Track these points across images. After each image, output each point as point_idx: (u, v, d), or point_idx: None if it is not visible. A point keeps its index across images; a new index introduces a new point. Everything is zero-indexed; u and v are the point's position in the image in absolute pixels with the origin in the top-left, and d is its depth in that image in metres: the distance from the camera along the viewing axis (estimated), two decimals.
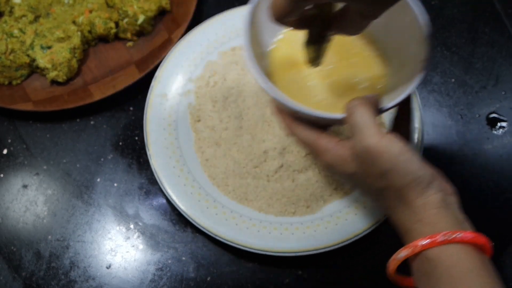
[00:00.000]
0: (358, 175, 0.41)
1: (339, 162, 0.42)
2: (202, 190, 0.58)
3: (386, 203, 0.42)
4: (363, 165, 0.40)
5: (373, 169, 0.39)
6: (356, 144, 0.39)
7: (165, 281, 0.56)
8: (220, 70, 0.64)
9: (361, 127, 0.39)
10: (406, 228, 0.40)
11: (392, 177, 0.39)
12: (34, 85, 0.65)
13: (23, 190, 0.61)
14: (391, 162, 0.38)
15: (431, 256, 0.38)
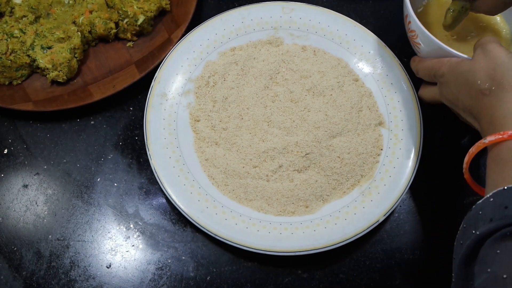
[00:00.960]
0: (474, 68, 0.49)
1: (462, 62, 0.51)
2: (202, 189, 0.58)
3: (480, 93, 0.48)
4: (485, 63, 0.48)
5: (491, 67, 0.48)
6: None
7: (165, 281, 0.56)
8: (220, 70, 0.64)
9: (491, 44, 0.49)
10: (496, 117, 0.46)
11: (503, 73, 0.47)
12: (34, 85, 0.65)
13: (24, 190, 0.61)
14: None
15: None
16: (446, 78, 0.53)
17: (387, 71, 0.64)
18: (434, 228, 0.59)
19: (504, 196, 0.40)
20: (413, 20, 0.57)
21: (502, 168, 0.43)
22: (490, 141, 0.45)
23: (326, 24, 0.67)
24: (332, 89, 0.63)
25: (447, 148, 0.64)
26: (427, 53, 0.60)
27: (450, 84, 0.52)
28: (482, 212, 0.41)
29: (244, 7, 0.67)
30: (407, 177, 0.58)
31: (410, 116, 0.62)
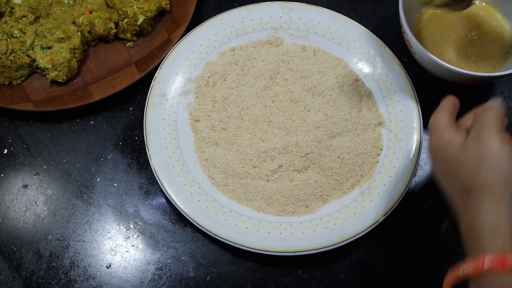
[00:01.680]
0: (457, 158, 0.43)
1: (455, 138, 0.45)
2: (202, 190, 0.58)
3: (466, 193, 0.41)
4: (475, 151, 0.42)
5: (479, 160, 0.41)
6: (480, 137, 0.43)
7: (164, 281, 0.56)
8: (219, 70, 0.64)
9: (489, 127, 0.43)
10: (474, 226, 0.39)
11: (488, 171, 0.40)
12: (34, 85, 0.65)
13: (23, 190, 0.61)
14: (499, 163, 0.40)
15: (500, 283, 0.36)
16: (433, 154, 0.47)
17: (387, 71, 0.64)
18: (434, 228, 0.59)
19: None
20: (407, 32, 0.58)
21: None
22: (468, 273, 0.37)
23: (326, 24, 0.67)
24: (332, 89, 0.63)
25: None
26: (422, 62, 0.61)
27: (436, 162, 0.47)
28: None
29: (244, 7, 0.67)
30: (407, 177, 0.58)
31: (410, 116, 0.62)
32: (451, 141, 0.44)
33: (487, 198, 0.39)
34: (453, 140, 0.44)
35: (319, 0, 0.72)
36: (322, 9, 0.67)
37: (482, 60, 0.63)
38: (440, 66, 0.58)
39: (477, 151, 0.41)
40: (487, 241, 0.38)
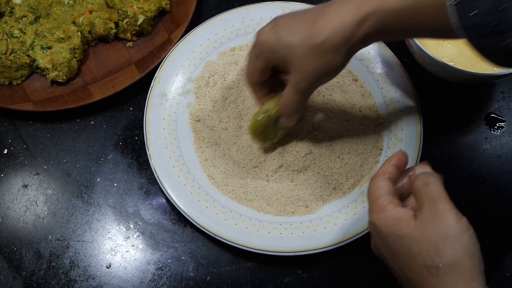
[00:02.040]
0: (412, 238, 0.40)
1: (396, 221, 0.41)
2: (202, 189, 0.58)
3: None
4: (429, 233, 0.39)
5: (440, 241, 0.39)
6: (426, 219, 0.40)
7: (164, 281, 0.56)
8: (219, 70, 0.64)
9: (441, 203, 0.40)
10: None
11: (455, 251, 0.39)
12: (34, 85, 0.65)
13: (23, 190, 0.61)
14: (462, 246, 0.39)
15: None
16: (377, 230, 0.43)
17: (387, 71, 0.64)
18: None
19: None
20: None
21: None
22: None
23: None
24: (332, 89, 0.63)
25: (447, 148, 0.64)
26: (422, 62, 0.61)
27: (382, 239, 0.42)
28: None
29: (244, 7, 0.67)
30: None
31: (410, 116, 0.62)
32: (402, 218, 0.41)
33: (459, 276, 0.38)
34: (403, 216, 0.41)
35: (319, 0, 0.72)
36: None
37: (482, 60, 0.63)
38: (440, 66, 0.58)
39: (437, 227, 0.39)
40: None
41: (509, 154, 0.64)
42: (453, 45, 0.64)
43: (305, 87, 0.49)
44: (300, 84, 0.48)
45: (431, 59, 0.58)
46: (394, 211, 0.41)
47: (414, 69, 0.64)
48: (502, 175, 0.63)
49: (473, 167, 0.63)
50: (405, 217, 0.41)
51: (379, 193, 0.43)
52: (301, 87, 0.49)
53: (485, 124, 0.66)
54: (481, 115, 0.66)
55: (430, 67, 0.61)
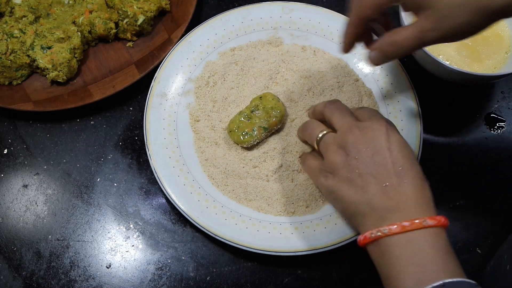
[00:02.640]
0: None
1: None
2: (202, 190, 0.58)
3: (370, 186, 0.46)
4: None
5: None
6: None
7: (164, 281, 0.56)
8: (219, 70, 0.64)
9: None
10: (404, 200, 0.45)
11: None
12: (34, 85, 0.65)
13: (23, 190, 0.61)
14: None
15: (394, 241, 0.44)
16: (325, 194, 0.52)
17: (387, 71, 0.64)
18: None
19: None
20: None
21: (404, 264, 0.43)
22: (392, 231, 0.44)
23: (326, 24, 0.67)
24: (332, 89, 0.63)
25: (447, 148, 0.64)
26: (422, 62, 0.61)
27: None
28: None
29: (244, 7, 0.67)
30: None
31: (410, 116, 0.62)
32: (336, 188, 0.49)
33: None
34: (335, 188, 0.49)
35: (319, 0, 0.72)
36: (322, 9, 0.67)
37: (482, 60, 0.63)
38: (440, 66, 0.58)
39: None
40: (435, 211, 0.46)
41: (509, 154, 0.64)
42: (453, 45, 0.64)
43: (432, 38, 0.44)
44: (428, 33, 0.44)
45: (431, 59, 0.58)
46: (328, 183, 0.50)
47: (414, 69, 0.64)
48: (502, 175, 0.63)
49: (473, 167, 0.63)
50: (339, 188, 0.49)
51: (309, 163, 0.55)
52: (426, 36, 0.44)
53: (485, 124, 0.66)
54: (481, 115, 0.66)
55: (430, 67, 0.61)
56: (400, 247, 0.43)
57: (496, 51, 0.64)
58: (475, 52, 0.64)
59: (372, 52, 0.49)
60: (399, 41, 0.46)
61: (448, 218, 0.46)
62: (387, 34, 0.47)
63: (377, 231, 0.44)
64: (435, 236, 0.43)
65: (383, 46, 0.47)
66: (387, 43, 0.47)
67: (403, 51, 0.46)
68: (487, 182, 0.62)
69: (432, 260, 0.42)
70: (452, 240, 0.58)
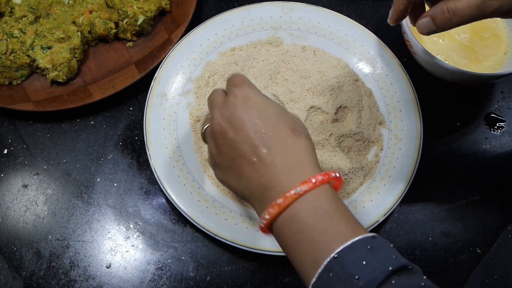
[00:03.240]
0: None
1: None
2: (202, 190, 0.58)
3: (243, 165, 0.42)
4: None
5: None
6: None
7: (164, 281, 0.56)
8: (219, 70, 0.64)
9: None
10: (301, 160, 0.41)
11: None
12: (34, 85, 0.65)
13: (23, 190, 0.61)
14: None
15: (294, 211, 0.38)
16: (236, 111, 0.44)
17: (387, 71, 0.64)
18: (433, 228, 0.59)
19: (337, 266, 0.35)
20: (407, 32, 0.58)
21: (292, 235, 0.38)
22: (305, 190, 0.38)
23: (326, 24, 0.67)
24: (332, 89, 0.63)
25: (447, 148, 0.64)
26: (422, 62, 0.62)
27: (245, 116, 0.43)
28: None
29: (244, 7, 0.67)
30: (407, 177, 0.58)
31: (410, 116, 0.62)
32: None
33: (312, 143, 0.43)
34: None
35: (319, 0, 0.72)
36: (322, 9, 0.67)
37: (482, 60, 0.63)
38: (440, 66, 0.58)
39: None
40: (311, 170, 0.40)
41: (509, 154, 0.64)
42: (453, 45, 0.64)
43: (492, 8, 0.42)
44: (490, 3, 0.42)
45: (431, 59, 0.58)
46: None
47: (414, 69, 0.64)
48: (502, 175, 0.63)
49: (473, 167, 0.63)
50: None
51: (219, 91, 0.47)
52: (487, 5, 0.42)
53: (485, 124, 0.66)
54: (481, 115, 0.66)
55: (430, 67, 0.61)
56: (287, 226, 0.39)
57: (495, 52, 0.64)
58: (474, 53, 0.64)
59: (423, 19, 0.45)
60: (455, 9, 0.43)
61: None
62: (443, 1, 0.44)
63: (261, 217, 0.40)
64: (316, 200, 0.38)
65: (436, 13, 0.44)
66: (441, 11, 0.43)
67: (457, 20, 0.43)
68: (487, 182, 0.62)
69: (319, 231, 0.37)
70: (452, 240, 0.59)
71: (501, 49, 0.64)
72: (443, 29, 0.45)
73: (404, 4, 0.48)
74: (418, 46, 0.58)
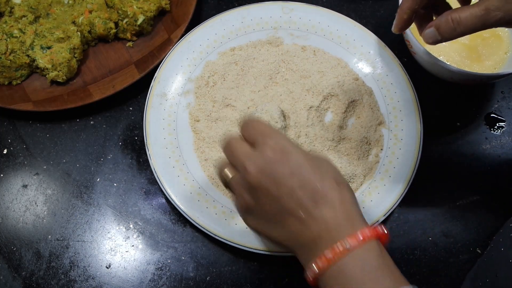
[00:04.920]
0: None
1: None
2: (202, 190, 0.58)
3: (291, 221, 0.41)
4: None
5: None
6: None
7: (164, 281, 0.56)
8: (219, 70, 0.64)
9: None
10: (353, 213, 0.41)
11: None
12: (34, 85, 0.65)
13: (23, 190, 0.61)
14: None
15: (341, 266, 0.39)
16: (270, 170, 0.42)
17: (387, 71, 0.64)
18: (433, 228, 0.59)
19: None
20: (407, 31, 0.58)
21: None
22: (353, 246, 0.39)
23: (326, 24, 0.67)
24: (332, 88, 0.63)
25: (447, 148, 0.64)
26: (421, 61, 0.61)
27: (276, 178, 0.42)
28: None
29: (244, 7, 0.67)
30: (407, 177, 0.58)
31: (410, 116, 0.62)
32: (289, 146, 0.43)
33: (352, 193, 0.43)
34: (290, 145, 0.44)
35: (319, 0, 0.72)
36: (322, 9, 0.67)
37: (482, 61, 0.63)
38: (440, 66, 0.58)
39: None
40: (360, 224, 0.41)
41: (509, 154, 0.64)
42: (453, 45, 0.64)
43: (496, 19, 0.42)
44: (493, 12, 0.42)
45: (431, 59, 0.58)
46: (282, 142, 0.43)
47: (414, 69, 0.64)
48: (502, 175, 0.63)
49: (473, 167, 0.63)
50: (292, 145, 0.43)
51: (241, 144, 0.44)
52: (490, 16, 0.42)
53: (485, 124, 0.66)
54: (481, 115, 0.66)
55: (430, 67, 0.61)
56: (334, 278, 0.39)
57: (496, 51, 0.64)
58: (475, 52, 0.64)
59: (428, 29, 0.46)
60: (460, 19, 0.43)
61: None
62: (448, 12, 0.45)
63: (309, 268, 0.40)
64: (364, 255, 0.39)
65: (441, 23, 0.45)
66: (446, 21, 0.44)
67: (461, 30, 0.44)
68: (487, 182, 0.62)
69: (366, 286, 0.38)
70: (452, 240, 0.59)
71: (501, 49, 0.64)
72: (448, 38, 0.46)
73: (408, 13, 0.49)
74: (418, 46, 0.58)
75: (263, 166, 0.41)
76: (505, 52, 0.64)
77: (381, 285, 0.38)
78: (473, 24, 0.43)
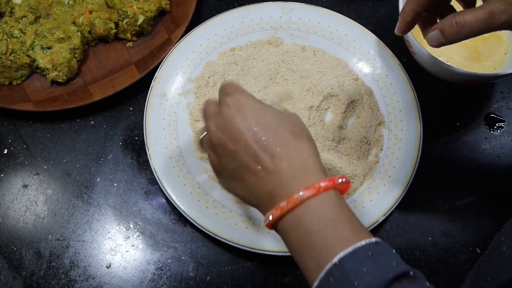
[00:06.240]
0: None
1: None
2: (202, 190, 0.58)
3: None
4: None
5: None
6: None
7: (164, 281, 0.56)
8: (219, 70, 0.64)
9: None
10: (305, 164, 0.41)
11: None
12: (34, 85, 0.65)
13: (23, 190, 0.61)
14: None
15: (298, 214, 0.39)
16: (236, 112, 0.43)
17: (387, 71, 0.64)
18: (433, 228, 0.59)
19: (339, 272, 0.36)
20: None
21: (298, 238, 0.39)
22: (305, 198, 0.38)
23: (326, 24, 0.67)
24: (332, 88, 0.63)
25: (446, 148, 0.64)
26: (421, 62, 0.61)
27: (243, 120, 0.42)
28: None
29: (244, 7, 0.67)
30: (407, 177, 0.58)
31: (409, 116, 0.62)
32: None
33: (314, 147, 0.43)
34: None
35: (319, 0, 0.72)
36: (322, 9, 0.67)
37: (482, 61, 0.63)
38: (440, 66, 0.58)
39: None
40: (316, 175, 0.40)
41: (509, 154, 0.64)
42: (453, 45, 0.64)
43: (501, 22, 0.42)
44: (498, 16, 0.42)
45: (431, 59, 0.58)
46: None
47: (414, 69, 0.64)
48: (502, 175, 0.63)
49: (472, 167, 0.63)
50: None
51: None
52: (495, 19, 0.42)
53: (485, 124, 0.66)
54: (481, 115, 0.66)
55: (430, 67, 0.61)
56: (293, 230, 0.39)
57: (495, 52, 0.64)
58: (475, 53, 0.64)
59: (432, 32, 0.46)
60: (464, 22, 0.43)
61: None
62: (452, 15, 0.44)
63: (265, 217, 0.40)
64: (320, 207, 0.38)
65: (445, 26, 0.45)
66: (450, 24, 0.44)
67: (466, 33, 0.44)
68: (487, 182, 0.62)
69: (322, 237, 0.37)
70: (452, 240, 0.59)
71: (501, 50, 0.64)
72: (452, 41, 0.46)
73: (411, 16, 0.49)
74: (418, 46, 0.58)
75: (220, 123, 0.43)
76: (505, 53, 0.64)
77: (338, 235, 0.37)
78: (477, 27, 0.43)
